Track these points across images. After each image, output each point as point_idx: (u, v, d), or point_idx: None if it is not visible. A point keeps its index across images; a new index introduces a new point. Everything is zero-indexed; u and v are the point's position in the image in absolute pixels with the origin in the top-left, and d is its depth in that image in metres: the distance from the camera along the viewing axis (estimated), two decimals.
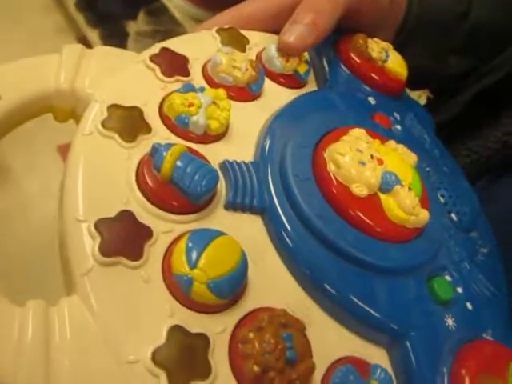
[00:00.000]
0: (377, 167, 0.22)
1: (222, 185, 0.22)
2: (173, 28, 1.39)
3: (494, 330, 0.23)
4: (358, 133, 0.24)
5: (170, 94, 0.23)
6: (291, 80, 0.28)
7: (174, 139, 0.22)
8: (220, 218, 0.21)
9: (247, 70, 0.26)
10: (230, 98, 0.25)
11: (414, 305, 0.22)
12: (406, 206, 0.22)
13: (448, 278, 0.23)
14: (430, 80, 0.41)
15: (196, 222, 0.20)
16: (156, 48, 0.25)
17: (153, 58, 0.25)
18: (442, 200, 0.26)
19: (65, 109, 0.24)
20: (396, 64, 0.31)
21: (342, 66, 0.30)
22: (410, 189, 0.22)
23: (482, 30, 0.35)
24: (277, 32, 0.29)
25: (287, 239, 0.21)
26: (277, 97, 0.27)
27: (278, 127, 0.25)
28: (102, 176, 0.20)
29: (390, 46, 0.32)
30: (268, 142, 0.24)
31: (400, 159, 0.23)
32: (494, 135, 0.35)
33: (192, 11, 1.18)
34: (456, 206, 0.26)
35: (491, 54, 0.36)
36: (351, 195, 0.22)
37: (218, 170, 0.22)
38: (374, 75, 0.30)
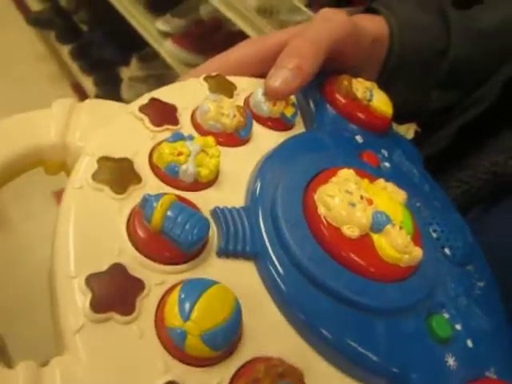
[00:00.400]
0: (367, 207, 0.22)
1: (213, 232, 0.22)
2: (165, 72, 1.43)
3: (497, 367, 0.23)
4: (346, 174, 0.24)
5: (160, 143, 0.24)
6: (279, 123, 0.29)
7: (165, 188, 0.23)
8: (213, 266, 0.21)
9: (235, 116, 0.26)
10: (220, 144, 0.26)
11: (413, 345, 0.21)
12: (398, 245, 0.22)
13: (446, 315, 0.23)
14: (414, 115, 0.42)
15: (189, 272, 0.20)
16: (145, 98, 0.26)
17: (142, 109, 0.25)
18: (434, 235, 0.27)
19: (56, 162, 0.24)
20: (381, 102, 0.32)
21: (329, 107, 0.31)
22: (401, 227, 0.22)
23: (461, 67, 0.36)
24: (265, 75, 0.30)
25: (281, 284, 0.21)
26: (265, 140, 0.28)
27: (267, 170, 0.25)
28: (93, 229, 0.20)
29: (375, 84, 0.33)
30: (258, 186, 0.24)
31: (389, 198, 0.24)
32: (482, 165, 0.36)
33: (182, 56, 1.22)
34: (449, 240, 0.26)
35: (473, 88, 0.37)
36: (343, 237, 0.22)
37: (210, 216, 0.22)
38: (359, 114, 0.31)
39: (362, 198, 0.22)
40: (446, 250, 0.26)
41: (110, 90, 1.64)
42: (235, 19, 0.97)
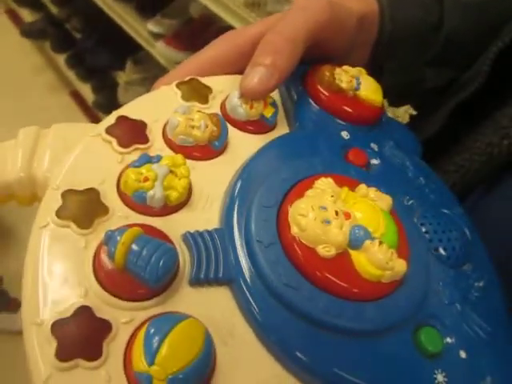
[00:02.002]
0: (344, 223, 0.21)
1: (185, 260, 0.21)
2: (160, 73, 1.40)
3: (494, 376, 0.22)
4: (323, 184, 0.22)
5: (126, 168, 0.23)
6: (258, 126, 0.27)
7: (133, 216, 0.22)
8: (185, 297, 0.20)
9: (207, 126, 0.25)
10: (195, 158, 0.25)
11: (399, 365, 0.20)
12: (378, 260, 0.20)
13: (437, 326, 0.22)
14: (409, 95, 0.39)
15: (159, 307, 0.20)
16: (112, 118, 0.25)
17: (109, 130, 0.24)
18: (427, 236, 0.25)
19: (27, 195, 0.24)
20: (369, 91, 0.30)
21: (311, 102, 0.29)
22: (381, 242, 0.21)
23: (455, 41, 0.34)
24: (243, 72, 0.28)
25: (255, 311, 0.20)
26: (244, 147, 0.26)
27: (243, 184, 0.24)
28: (60, 270, 0.20)
29: (362, 70, 0.31)
30: (232, 203, 0.23)
31: (371, 207, 0.22)
32: (477, 147, 0.34)
33: (175, 55, 1.20)
34: (443, 241, 0.25)
35: (466, 65, 0.35)
36: (318, 258, 0.20)
37: (182, 242, 0.22)
38: (346, 107, 0.29)
39: (337, 213, 0.21)
40: (441, 251, 0.25)
41: (108, 95, 1.62)
42: (224, 15, 0.96)
